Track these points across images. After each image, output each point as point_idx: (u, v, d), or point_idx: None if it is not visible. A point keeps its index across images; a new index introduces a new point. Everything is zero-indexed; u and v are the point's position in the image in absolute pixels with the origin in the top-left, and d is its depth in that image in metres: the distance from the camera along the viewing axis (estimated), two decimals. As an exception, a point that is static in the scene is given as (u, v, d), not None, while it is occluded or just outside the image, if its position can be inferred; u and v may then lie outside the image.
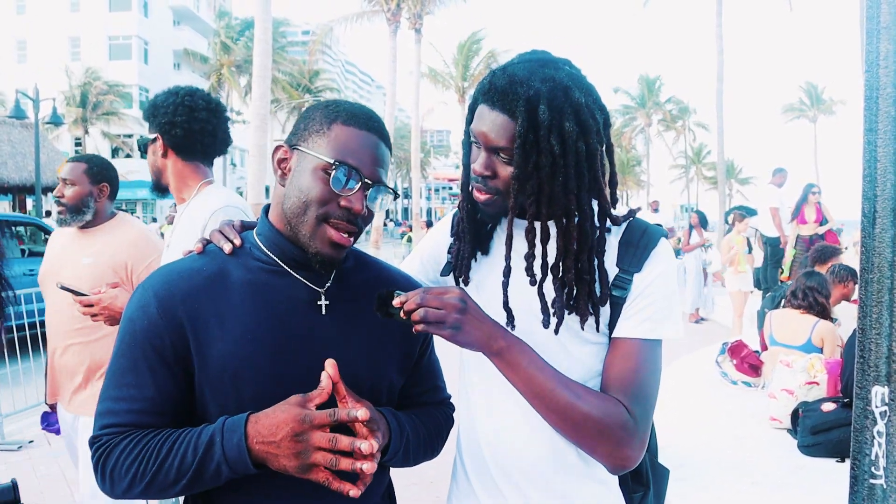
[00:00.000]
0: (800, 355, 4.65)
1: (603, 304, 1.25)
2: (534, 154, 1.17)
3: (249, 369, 1.15)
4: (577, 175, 1.19)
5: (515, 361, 1.17)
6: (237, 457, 1.08)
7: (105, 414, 1.16)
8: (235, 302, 1.18)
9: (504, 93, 1.18)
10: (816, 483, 3.63)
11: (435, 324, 1.12)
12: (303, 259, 1.22)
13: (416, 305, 1.11)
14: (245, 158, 49.70)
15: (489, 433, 1.34)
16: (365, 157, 1.18)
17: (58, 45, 40.19)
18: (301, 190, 1.18)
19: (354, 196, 1.16)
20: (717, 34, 20.85)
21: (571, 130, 1.17)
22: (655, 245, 1.27)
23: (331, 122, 1.20)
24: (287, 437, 1.06)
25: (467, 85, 37.81)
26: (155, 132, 2.22)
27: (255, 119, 12.53)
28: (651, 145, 60.57)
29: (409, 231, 24.82)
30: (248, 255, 1.25)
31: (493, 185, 1.23)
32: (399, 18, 25.57)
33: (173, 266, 1.23)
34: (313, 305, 1.23)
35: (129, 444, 1.12)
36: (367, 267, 1.37)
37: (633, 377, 1.22)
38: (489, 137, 1.20)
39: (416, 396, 1.41)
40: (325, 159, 1.16)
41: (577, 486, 1.29)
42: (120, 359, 1.17)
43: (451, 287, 1.16)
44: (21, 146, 22.13)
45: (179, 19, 46.33)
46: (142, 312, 1.16)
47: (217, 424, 1.11)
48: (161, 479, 1.10)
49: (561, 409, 1.18)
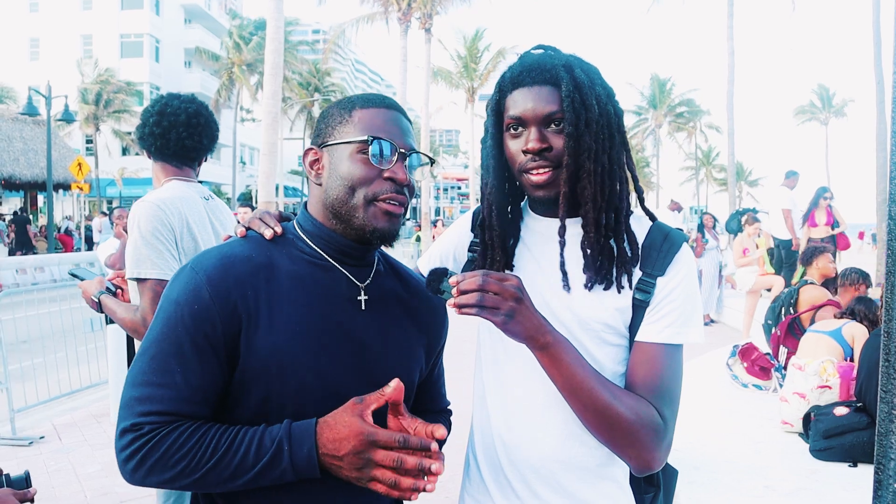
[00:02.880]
0: (826, 343, 4.61)
1: (634, 265, 1.27)
2: (583, 111, 1.23)
3: (295, 362, 1.14)
4: (610, 135, 1.26)
5: (559, 357, 1.17)
6: (306, 466, 1.07)
7: (144, 400, 1.09)
8: (284, 293, 1.17)
9: (541, 67, 1.25)
10: (829, 488, 3.60)
11: (490, 309, 1.11)
12: (349, 250, 1.23)
13: (476, 287, 1.10)
14: (255, 157, 49.90)
15: (504, 432, 1.34)
16: (392, 129, 1.21)
17: (70, 42, 40.47)
18: (343, 177, 1.19)
19: (396, 166, 1.19)
20: (728, 35, 20.76)
21: (602, 93, 1.27)
22: (679, 249, 1.28)
23: (350, 110, 1.23)
24: (350, 453, 1.06)
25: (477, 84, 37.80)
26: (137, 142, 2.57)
27: (266, 117, 12.56)
28: (661, 146, 60.36)
29: (419, 230, 24.81)
30: (291, 245, 1.24)
31: (551, 157, 1.25)
32: (410, 18, 25.59)
33: (223, 250, 1.19)
34: (353, 301, 1.24)
35: (181, 436, 1.08)
36: (399, 270, 1.39)
37: (661, 381, 1.23)
38: (538, 109, 1.24)
39: (426, 402, 1.43)
40: (357, 139, 1.18)
41: (590, 486, 1.30)
42: (162, 342, 1.11)
43: (511, 274, 1.15)
44: (33, 143, 22.31)
45: (191, 18, 46.54)
46: (192, 296, 1.12)
47: (282, 430, 1.09)
48: (215, 475, 1.08)
49: (598, 408, 1.18)
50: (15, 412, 5.26)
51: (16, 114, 22.50)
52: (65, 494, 4.08)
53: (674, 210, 12.85)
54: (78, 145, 38.06)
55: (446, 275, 1.13)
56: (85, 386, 6.19)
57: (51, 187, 20.02)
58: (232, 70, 39.41)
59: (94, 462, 4.59)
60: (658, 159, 60.35)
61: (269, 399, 1.14)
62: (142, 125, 2.46)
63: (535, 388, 1.30)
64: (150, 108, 2.46)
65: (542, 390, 1.28)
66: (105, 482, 4.23)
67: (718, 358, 6.65)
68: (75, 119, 23.62)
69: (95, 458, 4.67)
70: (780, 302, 6.13)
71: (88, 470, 4.47)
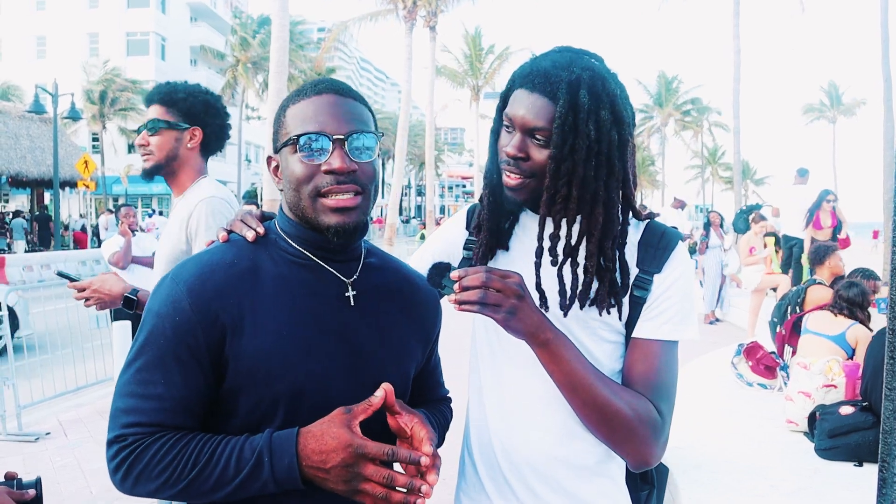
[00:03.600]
0: (829, 346, 4.60)
1: (624, 295, 1.25)
2: (571, 137, 1.18)
3: (284, 366, 1.13)
4: (607, 163, 1.21)
5: (559, 354, 1.17)
6: (287, 477, 1.05)
7: (129, 412, 1.09)
8: (268, 297, 1.15)
9: (547, 76, 1.20)
10: (834, 487, 3.59)
11: (492, 306, 1.10)
12: (328, 246, 1.21)
13: (479, 283, 1.10)
14: (260, 155, 49.98)
15: (501, 431, 1.34)
16: (324, 116, 1.15)
17: (76, 40, 40.60)
18: (289, 180, 1.17)
19: (333, 156, 1.13)
20: (734, 34, 20.69)
21: (606, 119, 1.19)
22: (675, 247, 1.29)
23: (284, 110, 1.21)
24: (338, 466, 1.04)
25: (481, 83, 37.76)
26: (189, 123, 2.29)
27: (272, 115, 12.57)
28: (667, 144, 60.22)
29: (423, 228, 24.81)
30: (274, 245, 1.23)
31: (525, 168, 1.23)
32: (415, 16, 25.56)
33: (203, 258, 1.18)
34: (341, 298, 1.22)
35: (162, 447, 1.07)
36: (388, 263, 1.37)
37: (658, 377, 1.24)
38: (527, 119, 1.21)
39: (423, 393, 1.42)
40: (289, 139, 1.15)
41: (588, 484, 1.31)
42: (145, 354, 1.11)
43: (512, 271, 1.15)
44: (40, 141, 22.36)
45: (196, 16, 46.63)
46: (172, 308, 1.11)
47: (263, 440, 1.07)
48: (196, 486, 1.06)
49: (597, 405, 1.18)
50: (21, 408, 5.28)
51: (22, 112, 22.55)
52: (70, 490, 4.10)
53: (677, 208, 12.80)
54: (84, 143, 38.21)
55: (448, 269, 1.13)
56: (91, 382, 6.21)
57: (57, 185, 20.07)
58: (237, 68, 39.47)
59: (99, 458, 4.61)
60: (664, 158, 60.21)
61: (261, 404, 1.13)
62: (211, 120, 2.33)
63: (534, 386, 1.30)
64: (207, 102, 2.32)
65: (541, 388, 1.28)
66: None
67: (722, 357, 6.64)
68: (82, 117, 23.65)
69: (101, 455, 4.69)
70: (788, 300, 6.11)
71: (94, 466, 4.48)
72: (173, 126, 2.27)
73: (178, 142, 2.28)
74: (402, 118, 23.22)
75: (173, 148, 2.28)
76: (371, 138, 1.18)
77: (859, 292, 4.76)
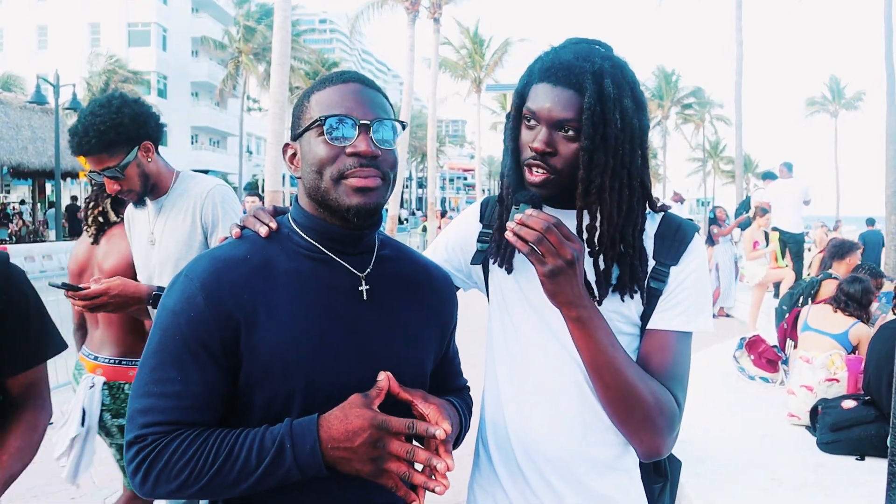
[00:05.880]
0: (831, 344, 4.60)
1: (643, 281, 1.26)
2: (601, 126, 1.19)
3: (298, 360, 1.13)
4: (632, 150, 1.23)
5: (593, 330, 1.18)
6: (310, 462, 1.06)
7: (146, 412, 1.09)
8: (282, 291, 1.16)
9: (570, 68, 1.20)
10: (836, 481, 3.60)
11: (539, 255, 1.11)
12: (342, 238, 1.21)
13: (539, 228, 1.10)
14: (261, 146, 49.91)
15: (517, 424, 1.34)
16: (350, 102, 1.17)
17: (78, 31, 40.48)
18: (311, 163, 1.18)
19: (358, 140, 1.14)
20: (737, 27, 20.59)
21: (629, 106, 1.21)
22: (691, 239, 1.30)
23: (308, 97, 1.22)
24: (365, 443, 1.05)
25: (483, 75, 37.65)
26: (134, 144, 2.22)
27: (274, 106, 12.57)
28: (669, 137, 60.13)
29: (425, 220, 24.81)
30: (287, 240, 1.23)
31: (552, 164, 1.22)
32: (418, 7, 25.43)
33: (217, 254, 1.19)
34: (355, 292, 1.22)
35: (181, 445, 1.07)
36: (403, 253, 1.37)
37: (674, 367, 1.25)
38: (553, 112, 1.20)
39: (443, 383, 1.42)
40: (314, 122, 1.16)
41: (603, 478, 1.31)
42: (161, 353, 1.12)
43: (578, 238, 1.15)
44: (41, 131, 22.34)
45: (198, 7, 46.48)
46: (187, 304, 1.11)
47: (283, 428, 1.08)
48: (219, 480, 1.06)
49: (621, 388, 1.19)
50: (24, 398, 5.29)
51: (24, 102, 22.51)
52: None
53: (676, 202, 12.81)
54: (85, 134, 38.08)
55: (533, 203, 1.16)
56: (93, 373, 6.23)
57: (59, 175, 20.05)
58: (239, 59, 39.37)
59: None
60: (665, 151, 60.13)
61: (277, 399, 1.13)
62: (153, 123, 2.30)
63: (551, 378, 1.30)
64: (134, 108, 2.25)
65: (557, 381, 1.29)
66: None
67: (725, 350, 6.64)
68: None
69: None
70: (801, 290, 6.10)
71: (97, 456, 4.49)
72: (127, 161, 2.21)
73: (140, 166, 2.25)
74: (403, 110, 23.13)
75: (141, 173, 2.26)
76: (394, 127, 1.20)
77: (861, 289, 4.76)
